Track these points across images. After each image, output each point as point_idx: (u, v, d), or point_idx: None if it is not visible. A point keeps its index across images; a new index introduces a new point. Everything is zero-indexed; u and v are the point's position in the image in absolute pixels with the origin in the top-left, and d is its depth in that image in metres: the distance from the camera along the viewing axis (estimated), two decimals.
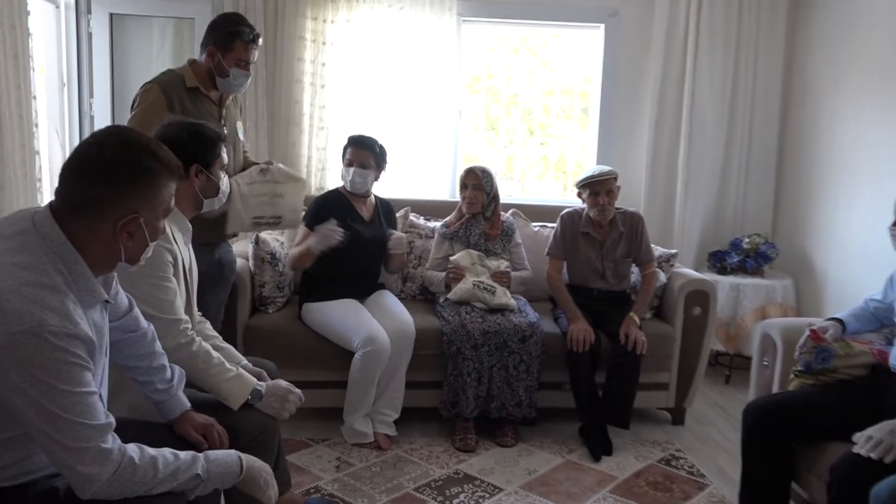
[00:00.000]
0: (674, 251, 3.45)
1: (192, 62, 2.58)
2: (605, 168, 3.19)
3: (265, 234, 3.21)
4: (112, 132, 1.41)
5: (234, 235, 2.78)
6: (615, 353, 3.01)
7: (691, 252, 4.22)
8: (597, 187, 3.16)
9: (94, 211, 1.35)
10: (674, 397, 3.32)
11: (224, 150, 2.10)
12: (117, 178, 1.35)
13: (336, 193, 3.06)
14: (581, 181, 3.21)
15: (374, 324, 2.88)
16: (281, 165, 2.74)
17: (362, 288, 3.10)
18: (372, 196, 3.15)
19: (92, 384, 1.30)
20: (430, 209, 3.78)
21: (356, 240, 2.94)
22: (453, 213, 3.50)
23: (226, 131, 2.63)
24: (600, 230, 3.26)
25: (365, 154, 3.05)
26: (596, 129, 4.33)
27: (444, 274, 3.30)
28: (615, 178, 3.16)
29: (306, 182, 2.86)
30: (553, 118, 4.75)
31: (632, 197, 4.20)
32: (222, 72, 2.56)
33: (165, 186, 1.43)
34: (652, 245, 3.34)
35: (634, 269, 3.36)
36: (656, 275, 3.25)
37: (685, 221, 4.19)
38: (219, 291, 2.73)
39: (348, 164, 3.02)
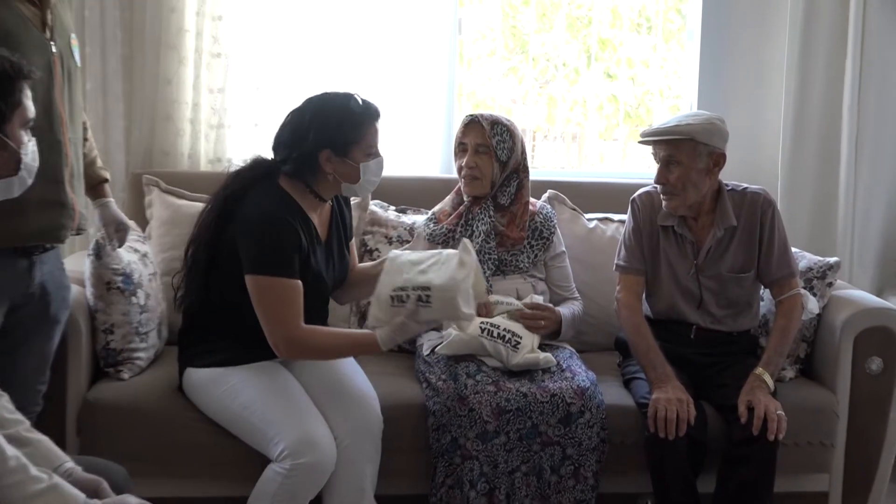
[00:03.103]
0: (833, 260, 3.42)
1: None
2: (681, 118, 3.17)
3: (123, 249, 3.20)
4: None
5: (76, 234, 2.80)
6: (732, 442, 2.98)
7: (867, 262, 4.21)
8: (654, 148, 3.18)
9: None
10: None
11: (28, 94, 2.09)
12: None
13: (290, 204, 2.98)
14: (641, 134, 3.23)
15: (313, 415, 2.85)
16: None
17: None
18: None
19: None
20: (408, 194, 3.76)
21: (314, 281, 2.91)
22: (447, 200, 3.50)
23: (53, 50, 2.63)
24: (693, 223, 3.25)
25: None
26: (696, 50, 4.32)
27: None
28: (693, 141, 3.09)
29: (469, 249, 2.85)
30: (626, 32, 4.75)
31: (761, 168, 4.18)
32: None
33: None
34: (794, 250, 3.32)
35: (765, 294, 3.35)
36: (801, 302, 3.23)
37: (855, 211, 4.17)
38: (41, 343, 2.72)
39: (369, 153, 2.97)
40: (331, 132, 2.82)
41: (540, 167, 5.05)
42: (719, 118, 3.19)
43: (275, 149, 2.92)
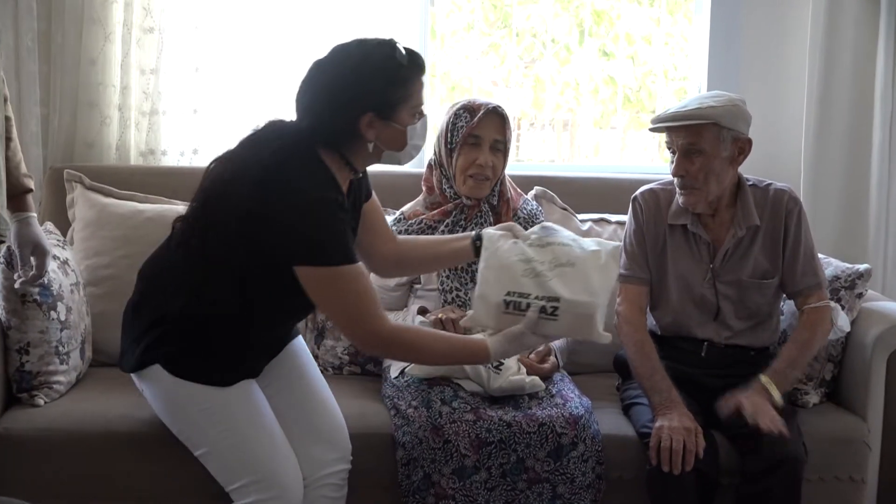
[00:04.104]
0: (864, 268, 3.43)
1: None
2: (700, 100, 3.18)
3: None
4: None
5: None
6: (747, 475, 3.00)
7: None
8: (670, 136, 3.20)
9: None
10: None
11: None
12: None
13: (332, 180, 2.90)
14: (653, 120, 3.24)
15: (290, 461, 2.86)
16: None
17: (273, 348, 3.08)
18: None
19: None
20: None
21: None
22: (418, 200, 3.53)
23: None
24: (710, 221, 3.28)
25: None
26: (706, 24, 4.36)
27: (417, 317, 3.31)
28: (717, 126, 3.13)
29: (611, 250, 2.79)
30: (625, 3, 4.77)
31: (781, 160, 4.23)
32: None
33: None
34: (819, 256, 3.33)
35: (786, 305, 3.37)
36: (831, 316, 3.24)
37: (889, 211, 4.22)
38: None
39: (416, 113, 2.93)
40: (375, 92, 2.71)
41: (526, 160, 5.07)
42: (741, 99, 3.22)
43: (301, 113, 2.79)
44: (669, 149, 3.20)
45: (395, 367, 3.29)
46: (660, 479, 2.95)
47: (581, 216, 3.82)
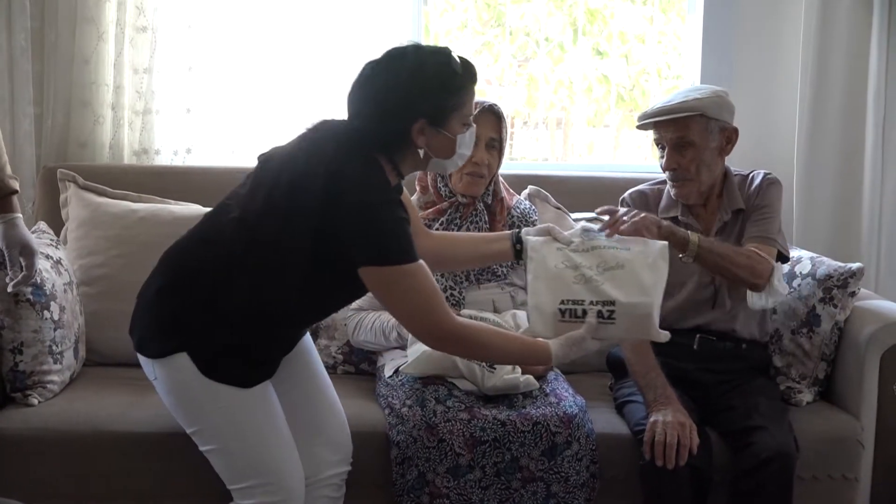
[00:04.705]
0: (856, 266, 3.42)
1: None
2: (685, 93, 3.22)
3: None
4: None
5: None
6: (741, 471, 3.00)
7: None
8: (658, 131, 3.23)
9: None
10: None
11: None
12: None
13: (388, 182, 2.90)
14: (639, 118, 3.27)
15: (290, 452, 2.85)
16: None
17: (291, 345, 3.06)
18: None
19: None
20: None
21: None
22: (412, 199, 3.47)
23: None
24: (701, 210, 3.31)
25: None
26: (699, 22, 4.36)
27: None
28: (704, 117, 3.17)
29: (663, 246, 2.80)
30: (618, 2, 4.77)
31: (774, 158, 4.23)
32: None
33: None
34: (811, 254, 3.37)
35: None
36: (767, 267, 3.16)
37: (882, 209, 4.23)
38: None
39: (466, 122, 2.92)
40: (429, 98, 2.71)
41: (519, 159, 5.06)
42: (724, 91, 3.26)
43: (353, 114, 2.77)
44: (658, 144, 3.24)
45: (389, 367, 3.29)
46: (653, 473, 2.97)
47: (575, 215, 3.82)
